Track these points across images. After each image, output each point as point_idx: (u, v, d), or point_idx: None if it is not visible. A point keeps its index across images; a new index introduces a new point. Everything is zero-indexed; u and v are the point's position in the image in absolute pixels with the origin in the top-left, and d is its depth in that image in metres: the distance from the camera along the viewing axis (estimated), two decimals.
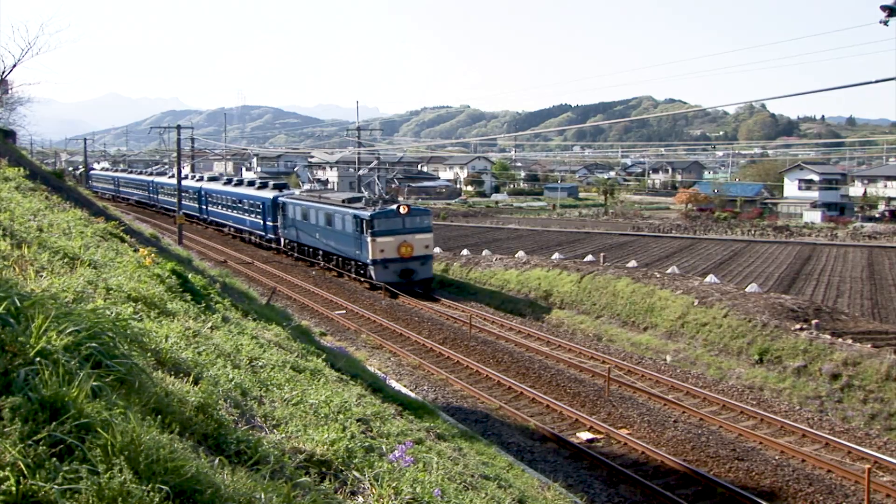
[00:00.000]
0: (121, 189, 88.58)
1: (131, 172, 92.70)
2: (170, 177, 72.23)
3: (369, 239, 35.08)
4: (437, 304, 33.35)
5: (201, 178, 68.06)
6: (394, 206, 36.10)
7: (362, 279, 37.21)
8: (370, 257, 35.19)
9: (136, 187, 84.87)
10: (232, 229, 56.15)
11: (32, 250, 6.38)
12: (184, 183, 64.02)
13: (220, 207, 58.55)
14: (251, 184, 56.55)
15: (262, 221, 49.48)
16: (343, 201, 39.28)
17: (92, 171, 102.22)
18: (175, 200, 62.63)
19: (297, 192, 50.09)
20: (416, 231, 35.62)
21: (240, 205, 53.47)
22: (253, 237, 52.04)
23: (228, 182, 60.74)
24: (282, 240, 46.81)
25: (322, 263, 41.85)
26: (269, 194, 48.99)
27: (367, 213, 35.46)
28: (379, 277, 34.90)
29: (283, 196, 46.76)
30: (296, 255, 45.19)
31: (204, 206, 62.40)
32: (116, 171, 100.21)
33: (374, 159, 69.40)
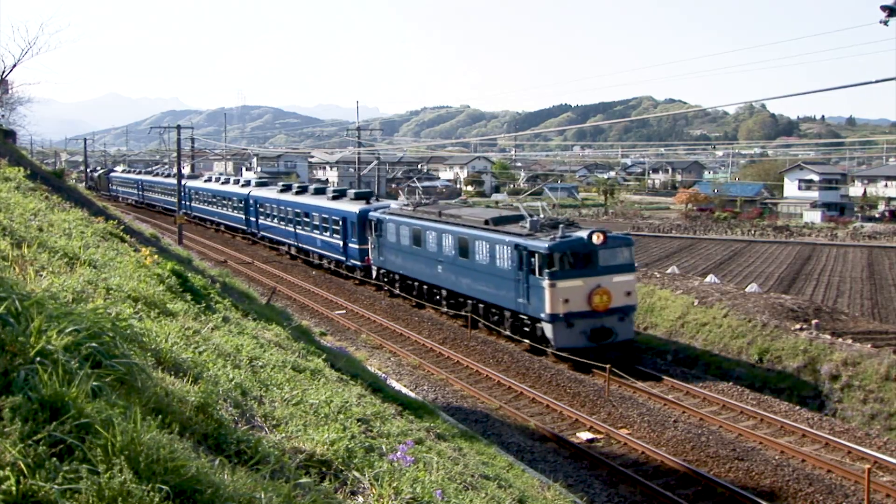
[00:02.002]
0: (146, 194, 78.76)
1: (157, 175, 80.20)
2: (218, 182, 61.26)
3: (546, 283, 22.93)
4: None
5: (247, 183, 56.38)
6: (581, 234, 23.91)
7: (525, 339, 25.14)
8: (547, 310, 23.03)
9: (163, 192, 74.36)
10: (293, 248, 45.08)
11: (32, 250, 6.38)
12: (226, 188, 56.90)
13: (276, 221, 46.78)
14: (320, 191, 44.88)
15: (341, 243, 38.20)
16: (490, 222, 27.20)
17: (112, 174, 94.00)
18: (222, 210, 55.93)
19: (393, 204, 37.65)
20: (614, 270, 23.70)
21: (307, 219, 41.81)
22: (326, 261, 40.94)
23: (287, 189, 48.20)
24: (374, 269, 35.35)
25: (445, 309, 30.04)
26: (352, 207, 37.52)
27: (541, 243, 23.36)
28: (560, 341, 23.09)
29: (376, 210, 35.40)
30: (397, 290, 33.57)
31: (253, 219, 50.62)
32: (140, 172, 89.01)
33: (374, 159, 69.41)
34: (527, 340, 24.93)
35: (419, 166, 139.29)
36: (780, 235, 72.19)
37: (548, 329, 23.37)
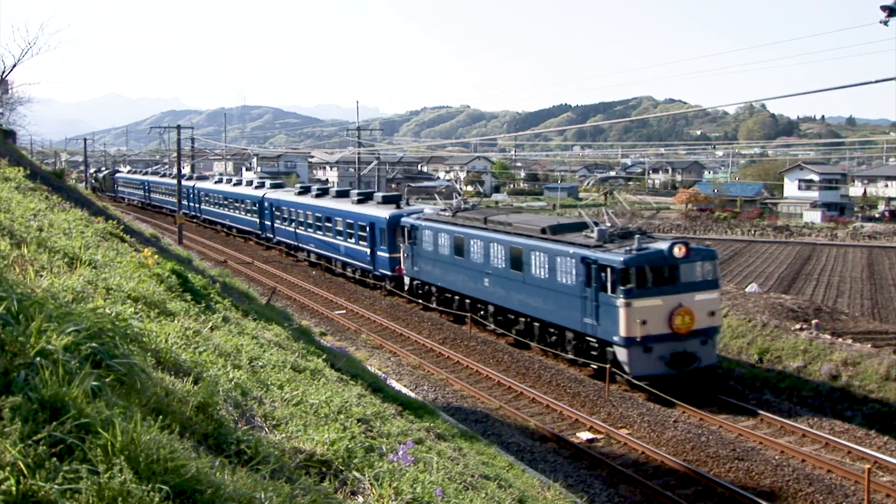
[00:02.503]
0: (152, 195, 75.53)
1: (164, 176, 75.92)
2: (229, 183, 58.87)
3: (620, 301, 20.17)
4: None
5: (261, 185, 53.53)
6: (660, 245, 21.10)
7: (592, 364, 21.94)
8: (621, 333, 20.27)
9: (170, 193, 70.04)
10: (312, 255, 42.39)
11: (32, 250, 6.38)
12: (238, 190, 54.45)
13: (294, 225, 43.79)
14: (343, 194, 41.49)
15: (368, 250, 35.07)
16: (547, 230, 23.87)
17: (118, 175, 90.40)
18: (235, 213, 53.28)
19: (427, 208, 34.81)
20: (697, 287, 20.91)
21: (329, 224, 38.96)
22: (350, 270, 38.02)
23: (306, 191, 45.28)
24: (406, 279, 32.28)
25: (491, 326, 26.68)
26: (381, 212, 34.59)
27: (614, 257, 20.63)
28: (637, 368, 20.37)
29: (409, 216, 32.33)
30: (433, 303, 30.47)
31: (269, 223, 48.12)
32: (146, 173, 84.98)
33: (374, 159, 69.42)
34: (594, 365, 21.81)
35: (419, 166, 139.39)
36: (780, 235, 72.20)
37: (621, 354, 20.45)
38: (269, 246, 48.44)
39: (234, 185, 57.07)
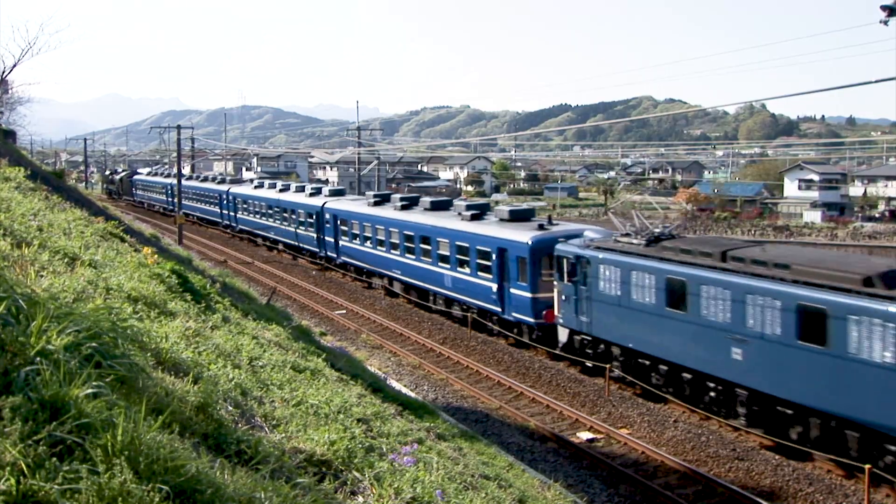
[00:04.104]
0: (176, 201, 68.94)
1: (190, 179, 66.83)
2: (274, 189, 49.74)
3: None
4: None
5: (317, 192, 44.10)
6: None
7: None
8: None
9: (198, 198, 62.63)
10: (397, 283, 33.41)
11: (32, 250, 6.38)
12: (287, 198, 45.56)
13: (370, 244, 35.00)
14: (441, 206, 32.47)
15: (494, 286, 25.81)
16: (879, 282, 14.81)
17: (136, 178, 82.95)
18: (282, 226, 45.11)
19: (590, 232, 24.47)
20: None
21: (427, 246, 30.08)
22: (458, 307, 28.85)
23: (383, 201, 36.47)
24: (563, 332, 23.05)
25: (743, 420, 17.66)
26: (517, 234, 25.13)
27: None
28: None
29: (567, 241, 23.11)
30: (617, 370, 21.13)
31: (330, 239, 39.18)
32: (168, 176, 73.62)
33: (375, 159, 69.44)
34: None
35: (419, 166, 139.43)
36: (780, 235, 72.21)
37: None
38: (328, 267, 40.63)
39: (281, 190, 48.27)
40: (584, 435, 18.38)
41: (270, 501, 3.52)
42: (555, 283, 23.05)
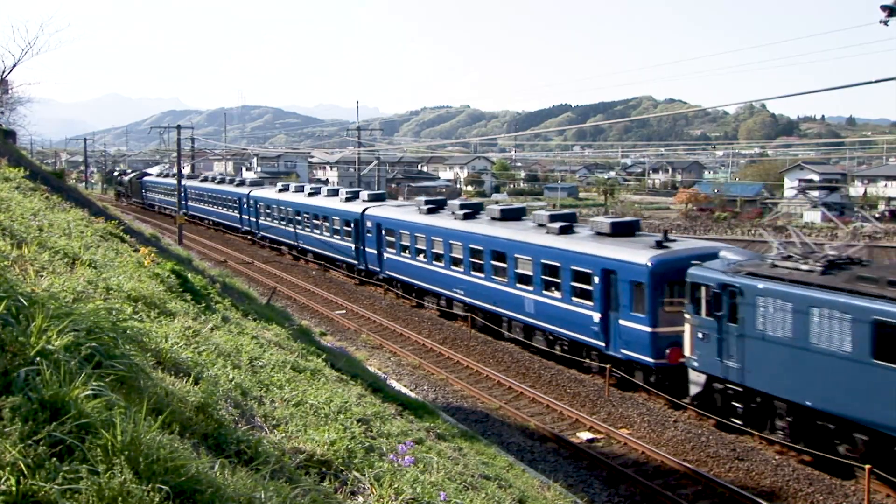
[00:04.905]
0: (191, 204, 63.48)
1: (205, 181, 64.17)
2: (317, 195, 43.39)
3: None
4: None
5: (353, 196, 39.29)
6: None
7: None
8: None
9: (216, 202, 58.45)
10: (457, 302, 28.78)
11: (32, 250, 6.38)
12: (315, 202, 41.49)
13: (414, 256, 31.21)
14: (513, 215, 28.27)
15: (596, 314, 21.42)
16: None
17: (146, 179, 79.57)
18: (322, 236, 40.04)
19: (726, 252, 19.49)
20: None
21: (498, 263, 25.74)
22: (544, 336, 24.12)
23: (438, 208, 32.00)
24: (697, 376, 18.52)
25: None
26: (628, 253, 20.74)
27: None
28: None
29: (700, 264, 18.72)
30: (785, 434, 16.65)
31: (371, 250, 34.81)
32: (173, 176, 66.23)
33: (374, 159, 69.47)
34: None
35: (419, 166, 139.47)
36: (780, 235, 72.18)
37: None
38: (367, 281, 36.38)
39: (310, 194, 43.84)
40: (584, 435, 18.38)
41: (270, 501, 3.52)
42: (686, 315, 18.50)
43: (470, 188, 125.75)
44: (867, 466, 14.13)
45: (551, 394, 21.18)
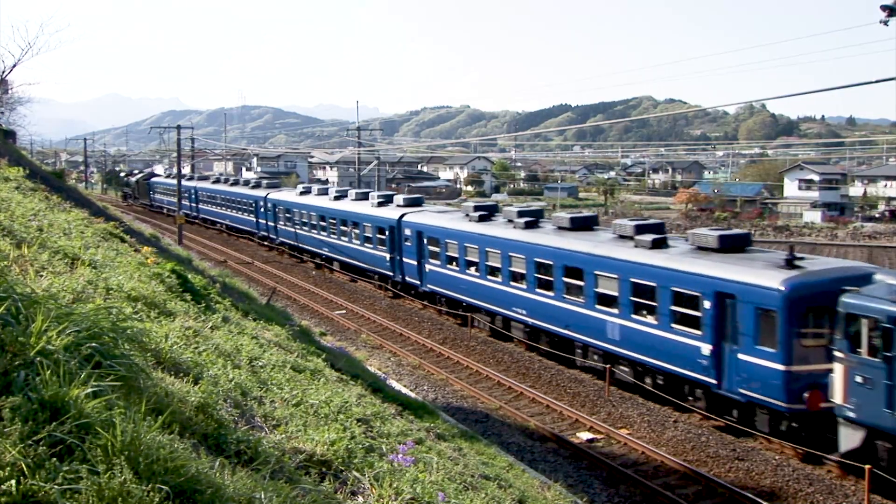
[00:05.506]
0: (202, 207, 61.37)
1: (217, 182, 61.54)
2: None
3: None
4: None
5: (386, 200, 36.13)
6: None
7: None
8: None
9: (230, 205, 55.45)
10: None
11: (32, 250, 6.38)
12: (359, 209, 36.64)
13: (465, 270, 27.81)
14: (585, 223, 24.55)
15: (705, 346, 18.15)
16: None
17: (154, 180, 77.67)
18: (352, 244, 36.62)
19: (886, 278, 15.76)
20: None
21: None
22: (626, 364, 20.91)
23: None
24: (849, 431, 15.03)
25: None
26: (760, 276, 17.19)
27: None
28: None
29: (861, 291, 15.26)
30: None
31: (411, 261, 31.62)
32: (191, 178, 67.78)
33: (374, 159, 69.48)
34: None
35: (419, 166, 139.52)
36: (780, 235, 72.22)
37: None
38: (402, 294, 33.38)
39: (336, 198, 40.38)
40: (584, 435, 18.38)
41: (270, 502, 3.52)
42: (837, 353, 15.24)
43: (470, 188, 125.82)
44: (867, 467, 14.12)
45: (551, 394, 21.18)
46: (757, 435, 17.36)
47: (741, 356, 17.16)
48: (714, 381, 17.91)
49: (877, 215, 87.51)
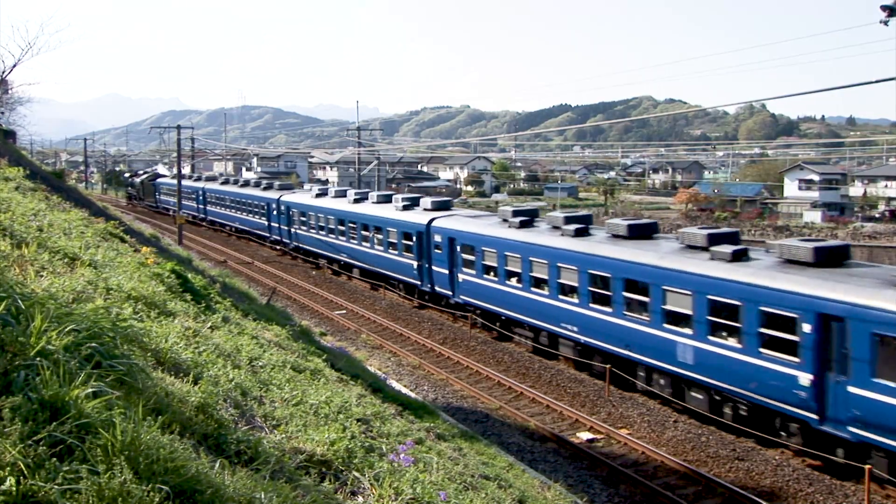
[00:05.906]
0: (210, 209, 59.22)
1: (226, 183, 59.25)
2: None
3: None
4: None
5: (412, 203, 34.08)
6: None
7: None
8: None
9: (240, 207, 52.99)
10: (576, 346, 22.77)
11: (32, 250, 6.38)
12: (382, 213, 34.45)
13: (515, 284, 25.06)
14: (643, 231, 22.38)
15: (804, 375, 15.79)
16: None
17: (160, 181, 75.76)
18: (382, 252, 33.77)
19: None
20: None
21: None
22: (699, 391, 18.67)
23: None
24: None
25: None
26: None
27: None
28: None
29: None
30: None
31: (437, 269, 29.77)
32: (198, 179, 66.22)
33: (375, 159, 69.48)
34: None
35: (419, 166, 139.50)
36: (780, 235, 72.21)
37: None
38: (428, 305, 31.52)
39: (355, 201, 38.10)
40: (584, 435, 18.38)
41: (270, 502, 3.52)
42: None
43: (470, 188, 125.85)
44: (867, 467, 14.12)
45: (551, 394, 21.18)
46: (758, 436, 17.31)
47: (852, 389, 14.88)
48: (815, 417, 15.68)
49: (877, 215, 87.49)
